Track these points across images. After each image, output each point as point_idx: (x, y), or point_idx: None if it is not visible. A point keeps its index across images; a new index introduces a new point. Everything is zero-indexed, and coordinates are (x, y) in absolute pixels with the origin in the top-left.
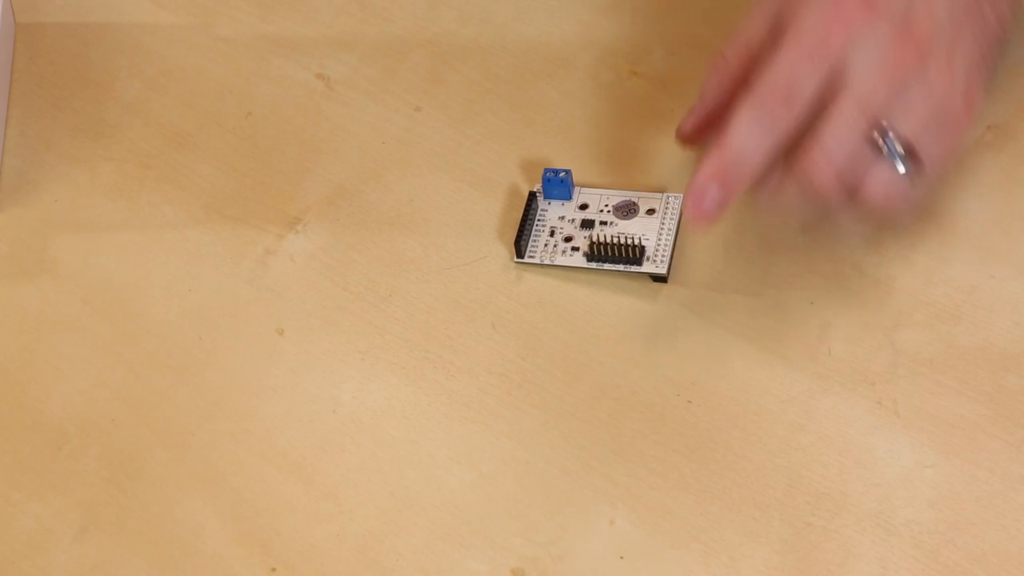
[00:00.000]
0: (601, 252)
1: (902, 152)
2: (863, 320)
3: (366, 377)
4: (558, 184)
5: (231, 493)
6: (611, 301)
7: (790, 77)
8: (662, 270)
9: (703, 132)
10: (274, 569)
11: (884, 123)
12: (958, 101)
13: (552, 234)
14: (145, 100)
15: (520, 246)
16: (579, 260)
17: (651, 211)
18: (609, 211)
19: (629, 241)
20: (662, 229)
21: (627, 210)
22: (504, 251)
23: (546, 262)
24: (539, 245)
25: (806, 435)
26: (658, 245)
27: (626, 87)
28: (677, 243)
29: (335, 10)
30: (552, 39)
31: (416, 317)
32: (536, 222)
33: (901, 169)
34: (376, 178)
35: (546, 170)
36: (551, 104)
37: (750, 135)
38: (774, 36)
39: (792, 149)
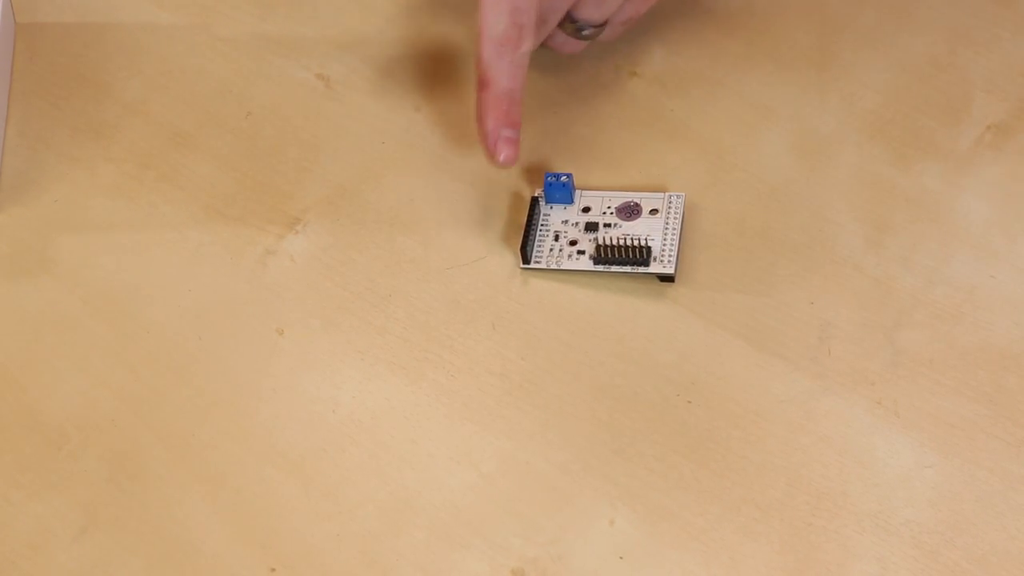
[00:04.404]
0: (608, 255)
1: (591, 30)
2: (863, 320)
3: (366, 377)
4: (560, 188)
5: (231, 493)
6: (611, 301)
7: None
8: (669, 270)
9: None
10: (274, 569)
11: (576, 17)
12: None
13: (557, 238)
14: (145, 100)
15: (526, 252)
16: (585, 263)
17: (654, 211)
18: (612, 213)
19: (636, 242)
20: (667, 229)
21: (630, 211)
22: (504, 251)
23: (552, 267)
24: (544, 250)
25: (806, 435)
26: (664, 245)
27: (626, 87)
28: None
29: (335, 10)
30: None
31: (416, 317)
32: (540, 227)
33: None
34: (376, 178)
35: (547, 174)
36: (551, 104)
37: (503, 68)
38: None
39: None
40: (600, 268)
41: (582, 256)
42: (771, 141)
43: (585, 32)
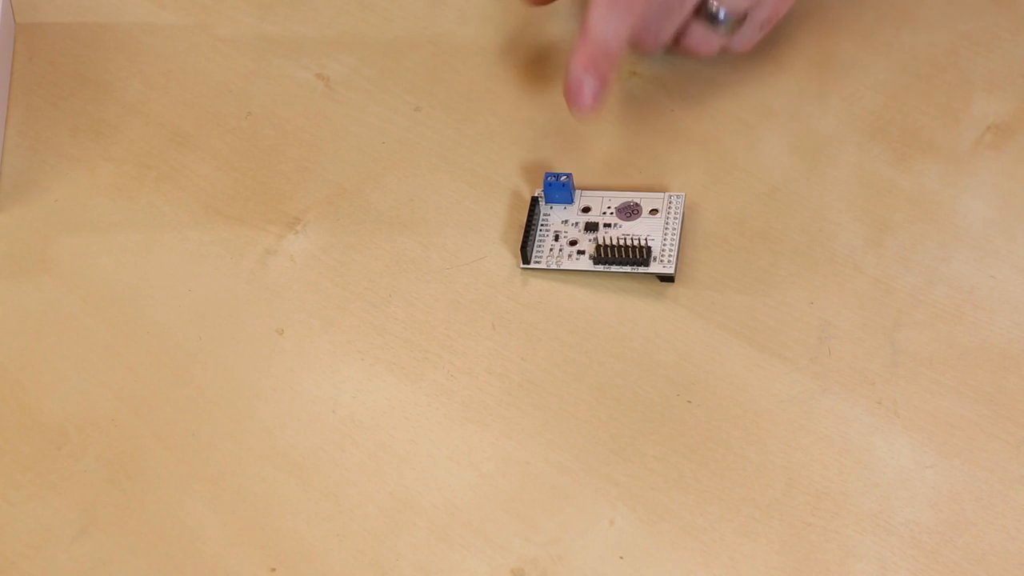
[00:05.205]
0: (608, 255)
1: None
2: (863, 320)
3: (366, 377)
4: (559, 188)
5: (231, 493)
6: (611, 301)
7: None
8: (669, 270)
9: None
10: (274, 569)
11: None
12: None
13: (557, 238)
14: (145, 100)
15: (526, 252)
16: (585, 263)
17: (654, 211)
18: (612, 213)
19: (635, 242)
20: (667, 229)
21: (630, 211)
22: (504, 251)
23: (552, 267)
24: (544, 250)
25: (806, 435)
26: (664, 245)
27: (626, 87)
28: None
29: (335, 10)
30: (552, 39)
31: (416, 317)
32: (540, 227)
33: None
34: (376, 178)
35: (547, 174)
36: (551, 104)
37: (609, 24)
38: None
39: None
40: (600, 268)
41: (582, 256)
42: (771, 141)
43: (721, 19)
